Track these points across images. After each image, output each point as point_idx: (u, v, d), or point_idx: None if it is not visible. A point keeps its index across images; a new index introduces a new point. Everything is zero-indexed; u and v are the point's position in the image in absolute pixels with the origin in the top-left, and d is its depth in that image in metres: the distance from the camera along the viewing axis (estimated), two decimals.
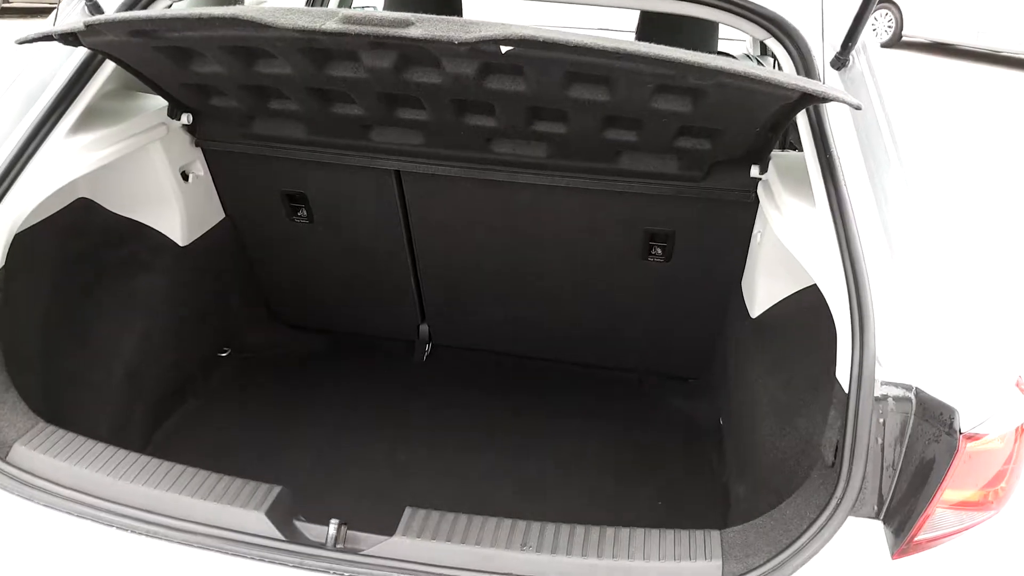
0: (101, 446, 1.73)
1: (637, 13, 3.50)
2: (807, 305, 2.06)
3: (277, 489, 1.65)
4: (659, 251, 2.55)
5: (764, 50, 4.48)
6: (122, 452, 1.72)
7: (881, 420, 1.50)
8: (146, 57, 1.98)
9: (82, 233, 2.33)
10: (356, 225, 2.70)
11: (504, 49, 1.57)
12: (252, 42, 1.78)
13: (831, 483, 1.54)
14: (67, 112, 2.00)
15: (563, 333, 2.92)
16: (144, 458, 1.71)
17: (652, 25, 3.17)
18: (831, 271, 1.68)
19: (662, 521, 2.21)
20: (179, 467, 1.70)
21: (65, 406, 2.23)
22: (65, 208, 2.27)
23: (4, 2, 12.42)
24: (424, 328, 3.07)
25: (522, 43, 1.53)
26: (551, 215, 2.50)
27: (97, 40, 1.86)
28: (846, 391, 1.57)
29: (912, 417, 1.48)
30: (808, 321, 2.04)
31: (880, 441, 1.50)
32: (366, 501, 2.31)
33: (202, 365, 2.78)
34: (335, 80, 1.94)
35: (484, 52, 1.62)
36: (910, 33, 14.59)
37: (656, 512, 2.40)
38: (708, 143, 2.07)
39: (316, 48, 1.79)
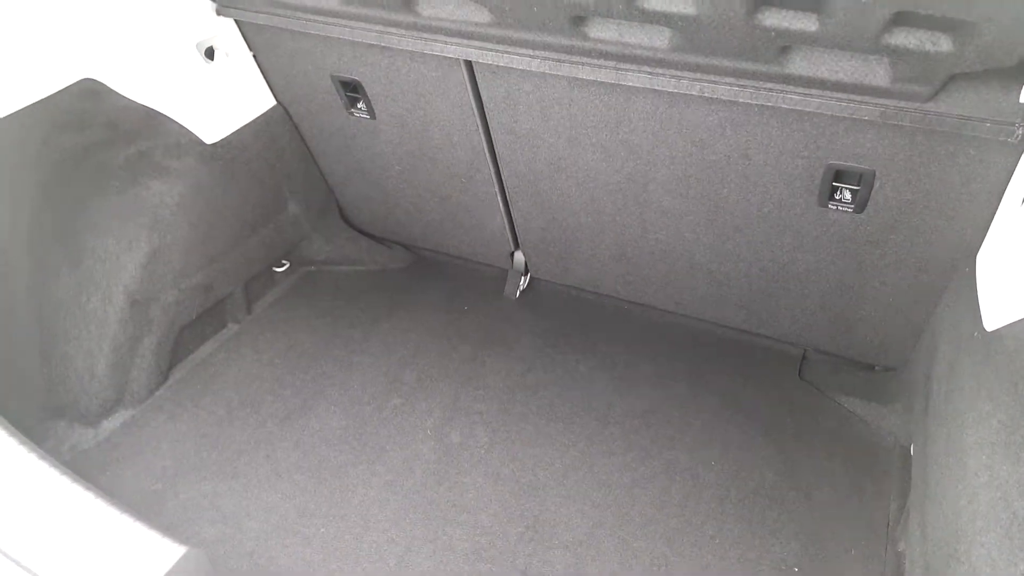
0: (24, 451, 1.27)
1: None
2: None
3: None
4: (848, 196, 1.68)
5: None
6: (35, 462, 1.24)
7: None
8: None
9: (83, 124, 1.86)
10: (424, 124, 2.04)
11: None
12: None
13: None
14: None
15: (697, 285, 2.15)
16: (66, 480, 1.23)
17: None
18: None
19: None
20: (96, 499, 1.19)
21: (59, 338, 1.87)
22: (65, 90, 1.79)
23: None
24: (519, 256, 2.41)
25: None
26: (680, 133, 1.70)
27: None
28: None
29: None
30: None
31: None
32: (391, 504, 1.81)
33: (247, 285, 2.32)
34: None
35: None
36: None
37: None
38: (948, 42, 1.18)
39: None
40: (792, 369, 2.18)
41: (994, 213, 1.51)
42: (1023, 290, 1.36)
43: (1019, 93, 1.27)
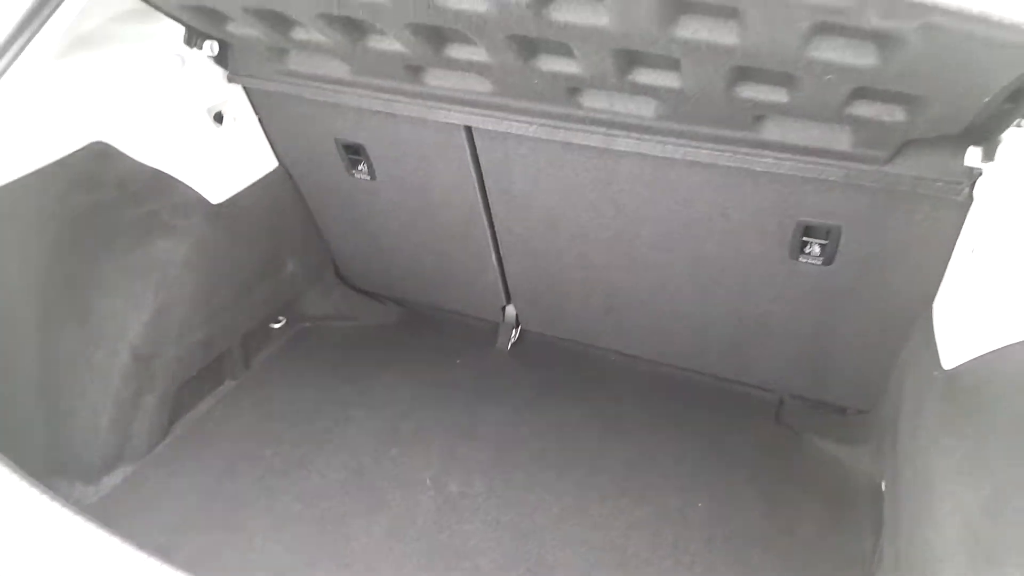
0: (35, 494, 1.33)
1: None
2: None
3: None
4: (817, 250, 1.83)
5: None
6: (57, 511, 1.30)
7: None
8: None
9: (94, 185, 1.95)
10: (424, 187, 2.17)
11: None
12: None
13: None
14: (46, 27, 1.61)
15: (680, 334, 2.27)
16: (81, 523, 1.29)
17: None
18: None
19: None
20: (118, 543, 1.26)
21: (63, 393, 1.91)
22: (77, 153, 1.88)
23: None
24: (510, 310, 2.53)
25: None
26: (665, 193, 1.84)
27: None
28: None
29: None
30: None
31: None
32: (395, 551, 1.86)
33: (244, 341, 2.39)
34: (349, 4, 1.39)
35: None
36: None
37: None
38: (902, 113, 1.34)
39: None
40: (770, 414, 2.30)
41: (947, 263, 1.67)
42: (975, 332, 1.51)
43: (964, 157, 1.44)
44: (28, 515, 1.24)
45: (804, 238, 1.82)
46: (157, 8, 1.77)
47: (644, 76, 1.46)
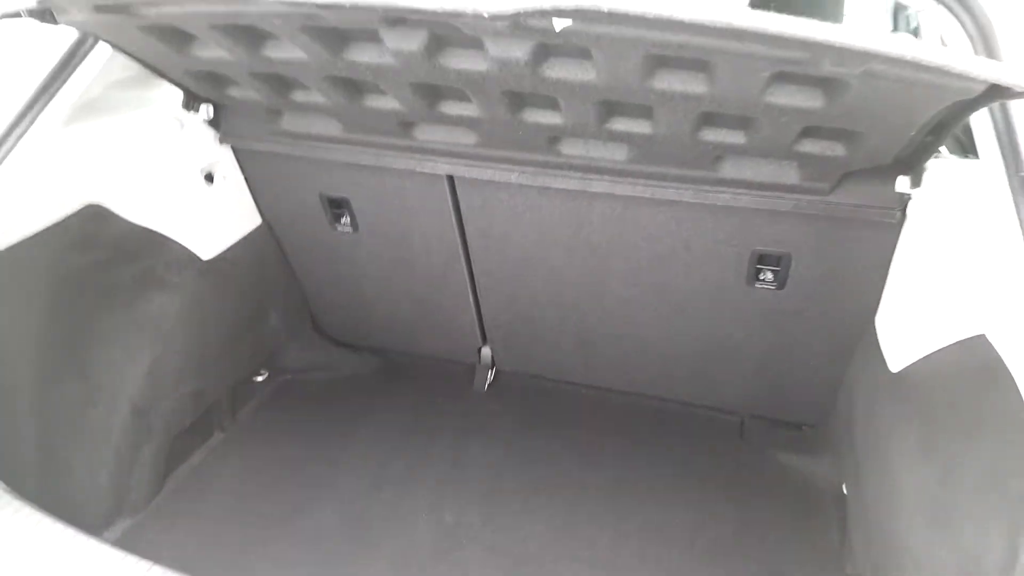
0: (59, 528, 1.40)
1: None
2: (970, 365, 1.53)
3: None
4: (770, 276, 2.05)
5: (896, 25, 3.78)
6: (84, 542, 1.38)
7: None
8: (137, 40, 1.64)
9: (89, 246, 2.02)
10: (406, 236, 2.31)
11: (558, 25, 1.13)
12: (245, 19, 1.41)
13: None
14: (55, 97, 1.73)
15: (648, 364, 2.45)
16: (108, 552, 1.37)
17: None
18: (1014, 324, 1.18)
19: None
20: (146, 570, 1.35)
21: (61, 449, 1.94)
22: (72, 216, 1.97)
23: None
24: (486, 351, 2.66)
25: (580, 15, 1.08)
26: (633, 230, 2.04)
27: (71, 19, 1.53)
28: None
29: None
30: (973, 388, 1.51)
31: None
32: None
33: (232, 393, 2.46)
34: (359, 68, 1.55)
35: (532, 29, 1.18)
36: None
37: None
38: (842, 148, 1.57)
39: (325, 28, 1.40)
40: (735, 434, 2.49)
41: (886, 280, 1.90)
42: (916, 337, 1.73)
43: (895, 184, 1.68)
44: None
45: (759, 265, 2.03)
46: (161, 75, 1.89)
47: (620, 124, 1.65)
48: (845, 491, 2.10)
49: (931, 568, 1.46)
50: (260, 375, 2.61)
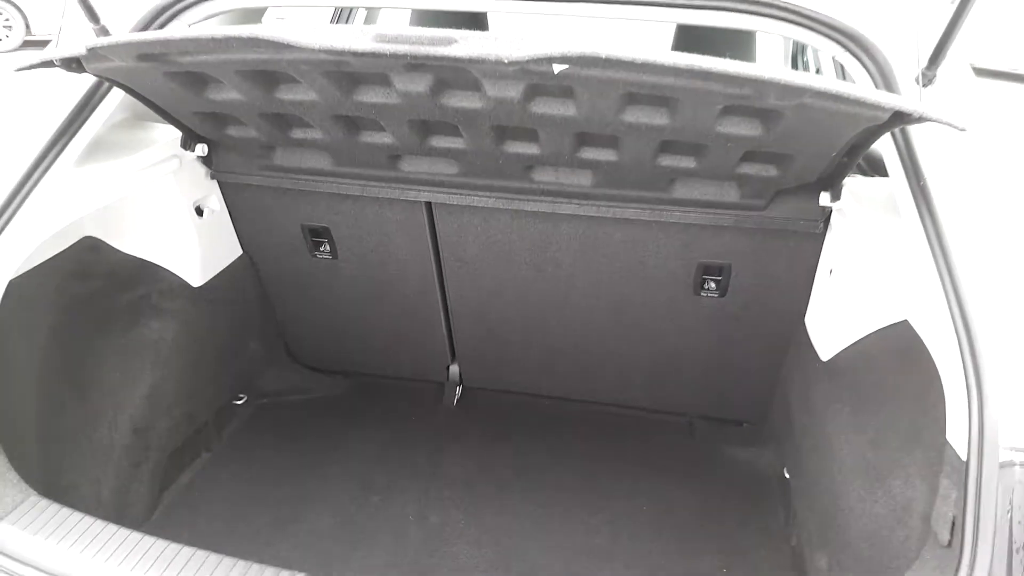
0: (99, 524, 1.53)
1: (668, 27, 3.34)
2: (893, 347, 1.83)
3: None
4: (713, 285, 2.33)
5: (795, 65, 4.24)
6: (121, 531, 1.52)
7: (1009, 493, 1.27)
8: (156, 84, 1.80)
9: (87, 275, 2.14)
10: (383, 260, 2.50)
11: (557, 69, 1.38)
12: (273, 65, 1.60)
13: (949, 567, 1.31)
14: (71, 143, 1.88)
15: (607, 374, 2.70)
16: (145, 538, 1.51)
17: (690, 39, 2.99)
18: (930, 310, 1.47)
19: None
20: (182, 550, 1.49)
21: (65, 468, 2.03)
22: (70, 248, 2.09)
23: (27, 35, 12.54)
24: (455, 369, 2.86)
25: (582, 61, 1.33)
26: (596, 248, 2.29)
27: (102, 66, 1.69)
28: (963, 458, 1.34)
29: None
30: (895, 365, 1.81)
31: (1009, 518, 1.27)
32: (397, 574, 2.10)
33: (217, 415, 2.58)
34: (364, 107, 1.75)
35: (533, 72, 1.42)
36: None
37: None
38: (775, 169, 1.86)
39: (345, 72, 1.61)
40: (686, 434, 2.75)
41: (813, 284, 2.21)
42: (841, 330, 2.04)
43: (819, 199, 1.99)
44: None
45: (704, 276, 2.31)
46: (166, 116, 2.05)
47: (589, 153, 1.90)
48: (787, 474, 2.38)
49: (869, 520, 1.73)
50: (240, 398, 2.73)
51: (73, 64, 1.67)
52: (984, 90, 1.76)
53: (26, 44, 12.48)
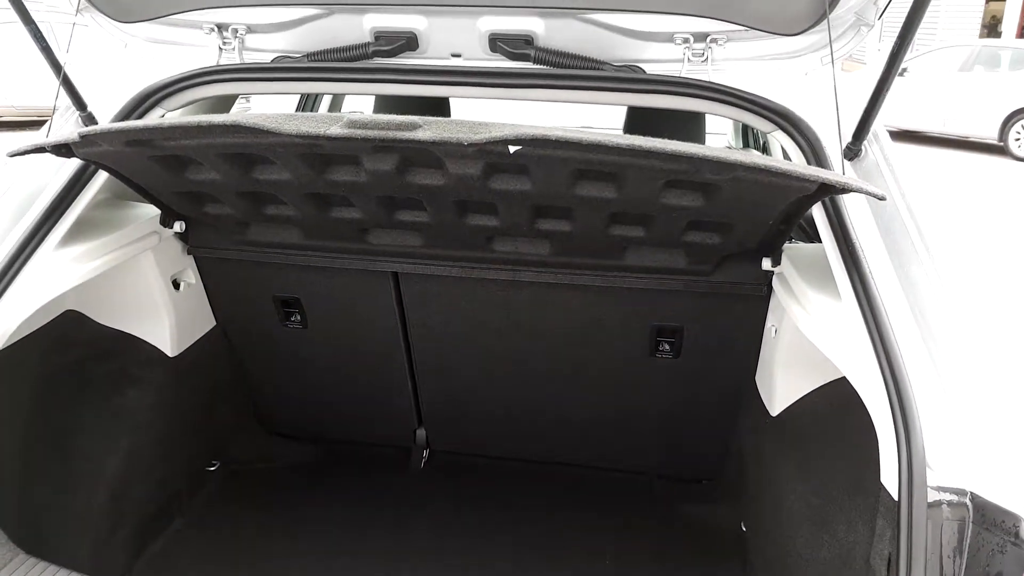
0: None
1: (621, 109, 3.55)
2: (835, 402, 1.97)
3: None
4: (667, 347, 2.47)
5: (746, 140, 4.53)
6: None
7: (938, 529, 1.39)
8: (140, 166, 1.92)
9: (68, 346, 2.21)
10: (352, 329, 2.60)
11: (512, 149, 1.53)
12: (252, 148, 1.73)
13: None
14: (57, 225, 1.96)
15: (568, 435, 2.80)
16: None
17: (641, 119, 3.19)
18: (863, 365, 1.60)
19: None
20: None
21: (44, 531, 2.07)
22: (52, 321, 2.16)
23: None
24: (421, 433, 2.93)
25: (534, 142, 1.48)
26: (554, 313, 2.42)
27: (91, 151, 1.80)
28: (895, 497, 1.46)
29: (970, 525, 1.36)
30: (837, 418, 1.94)
31: (939, 552, 1.38)
32: None
33: (190, 481, 2.61)
34: (335, 184, 1.88)
35: (491, 152, 1.57)
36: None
37: None
38: (718, 237, 2.02)
39: (317, 153, 1.74)
40: (646, 491, 2.84)
41: (760, 343, 2.36)
42: (787, 387, 2.17)
43: (761, 264, 2.15)
44: None
45: (658, 338, 2.45)
46: (146, 195, 2.16)
47: (545, 224, 2.05)
48: (743, 528, 2.48)
49: (817, 566, 1.84)
50: (212, 465, 2.76)
51: (63, 149, 1.79)
52: (903, 155, 1.95)
53: None
